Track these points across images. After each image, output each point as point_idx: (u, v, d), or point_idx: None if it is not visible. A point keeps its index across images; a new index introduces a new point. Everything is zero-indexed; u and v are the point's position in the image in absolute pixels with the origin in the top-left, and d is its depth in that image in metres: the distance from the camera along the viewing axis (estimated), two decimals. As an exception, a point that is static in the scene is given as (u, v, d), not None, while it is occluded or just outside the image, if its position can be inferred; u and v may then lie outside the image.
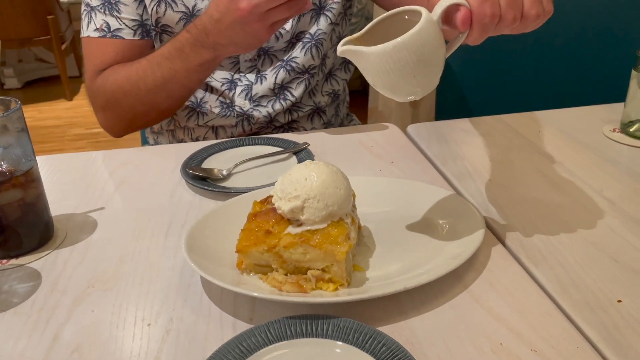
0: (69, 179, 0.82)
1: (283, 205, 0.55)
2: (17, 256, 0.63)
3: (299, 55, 0.98)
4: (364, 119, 1.93)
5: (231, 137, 1.03)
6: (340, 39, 1.03)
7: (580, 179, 0.75)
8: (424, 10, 0.52)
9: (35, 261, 0.63)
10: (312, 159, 0.81)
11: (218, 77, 0.99)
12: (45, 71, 3.97)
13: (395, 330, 0.51)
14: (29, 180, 0.63)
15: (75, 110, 3.52)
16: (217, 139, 1.03)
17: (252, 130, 1.02)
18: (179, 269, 0.61)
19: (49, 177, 0.82)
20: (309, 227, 0.55)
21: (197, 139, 1.05)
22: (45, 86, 3.90)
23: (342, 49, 0.54)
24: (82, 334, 0.52)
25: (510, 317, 0.51)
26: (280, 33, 0.97)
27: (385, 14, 0.56)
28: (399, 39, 0.51)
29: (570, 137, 0.88)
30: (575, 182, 0.75)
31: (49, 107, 3.58)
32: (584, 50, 1.22)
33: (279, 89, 1.00)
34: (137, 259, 0.63)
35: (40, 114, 3.45)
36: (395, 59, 0.51)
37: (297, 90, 1.00)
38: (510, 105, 1.04)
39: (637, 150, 0.83)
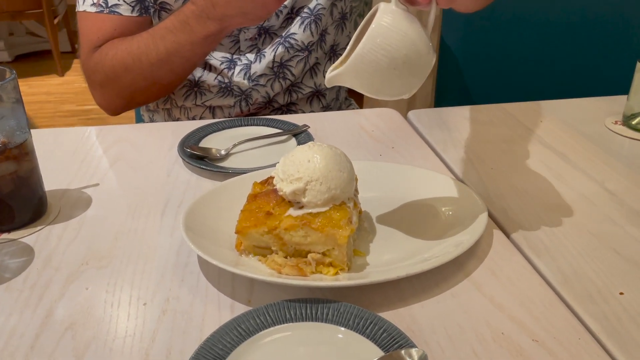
0: (62, 154, 0.81)
1: (285, 187, 0.54)
2: (9, 230, 0.62)
3: (297, 31, 0.97)
4: (360, 105, 1.92)
5: (229, 117, 1.01)
6: (341, 15, 1.01)
7: (582, 170, 0.75)
8: (380, 4, 0.51)
9: (28, 236, 0.62)
10: (312, 141, 0.80)
11: (217, 56, 0.97)
12: (37, 45, 3.90)
13: (396, 317, 0.50)
14: (23, 153, 0.61)
15: (66, 86, 3.47)
16: (214, 118, 1.02)
17: (249, 111, 1.01)
18: (175, 249, 0.60)
19: (42, 151, 0.79)
20: (310, 210, 0.54)
21: (193, 119, 1.03)
22: (36, 61, 3.83)
23: (327, 78, 0.54)
24: (76, 312, 0.51)
25: (512, 307, 0.51)
26: (280, 9, 0.95)
27: (361, 23, 0.54)
28: (359, 45, 0.50)
29: (572, 128, 0.87)
30: (576, 173, 0.74)
31: (39, 82, 3.52)
32: (587, 41, 1.21)
33: (278, 67, 0.98)
34: (132, 237, 0.62)
35: (30, 89, 3.40)
36: (368, 63, 0.50)
37: (297, 69, 0.99)
38: (511, 95, 1.03)
39: (639, 143, 0.83)
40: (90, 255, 0.59)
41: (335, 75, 0.53)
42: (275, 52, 0.96)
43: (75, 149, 0.82)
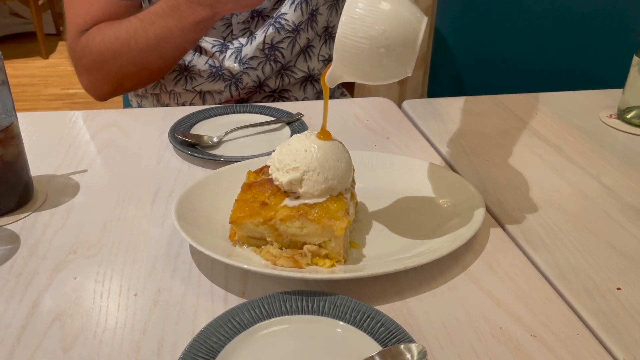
0: (48, 138, 0.78)
1: (281, 177, 0.53)
2: (-7, 217, 0.60)
3: (288, 11, 0.95)
4: (351, 94, 1.91)
5: (219, 103, 0.99)
6: None
7: (577, 164, 0.74)
8: None
9: (14, 223, 0.60)
10: (306, 130, 0.78)
11: (209, 40, 0.95)
12: (21, 27, 3.82)
13: (393, 310, 0.49)
14: (9, 137, 0.59)
15: (50, 69, 3.41)
16: (203, 104, 1.00)
17: (240, 95, 0.99)
18: (166, 238, 0.58)
19: (27, 135, 0.78)
20: (306, 201, 0.53)
21: (183, 104, 1.01)
22: (19, 42, 3.75)
23: (325, 79, 0.52)
24: (63, 302, 0.50)
25: (510, 301, 0.50)
26: None
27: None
28: (336, 35, 0.48)
29: (567, 121, 0.87)
30: (572, 166, 0.74)
31: (23, 65, 3.45)
32: (583, 33, 1.20)
33: (269, 49, 0.96)
34: (122, 226, 0.60)
35: (13, 71, 3.33)
36: (350, 51, 0.47)
37: (287, 50, 0.97)
38: (505, 86, 1.02)
39: (633, 137, 0.83)
40: (79, 244, 0.57)
41: (329, 73, 0.51)
42: (266, 34, 0.94)
43: (62, 134, 0.80)
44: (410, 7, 0.48)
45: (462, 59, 1.29)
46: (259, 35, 0.95)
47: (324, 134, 0.54)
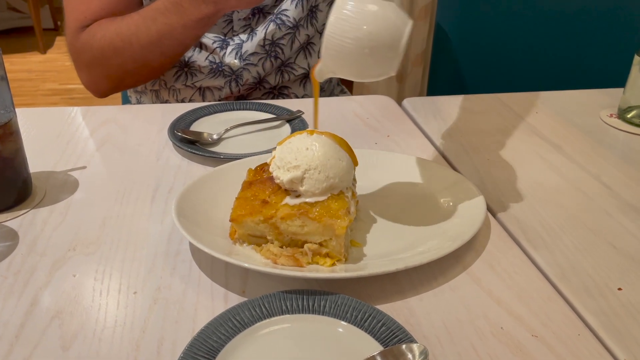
0: (47, 134, 0.78)
1: (282, 175, 0.53)
2: (-8, 214, 0.60)
3: (289, 7, 0.94)
4: (350, 91, 1.90)
5: (219, 100, 0.99)
6: None
7: (577, 163, 0.74)
8: None
9: (12, 220, 0.59)
10: (307, 128, 0.78)
11: (210, 36, 0.95)
12: (18, 21, 3.79)
13: (394, 310, 0.49)
14: (7, 133, 0.59)
15: (48, 64, 3.39)
16: (203, 101, 0.99)
17: (240, 92, 0.98)
18: (166, 236, 0.58)
19: (26, 131, 0.77)
20: (307, 199, 0.52)
21: (182, 101, 1.00)
22: (17, 37, 3.74)
23: (315, 73, 0.54)
24: (62, 300, 0.49)
25: (511, 301, 0.50)
26: None
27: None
28: (324, 37, 0.49)
29: (567, 120, 0.86)
30: (572, 165, 0.74)
31: (20, 59, 3.43)
32: (584, 32, 1.20)
33: (270, 46, 0.95)
34: (121, 223, 0.60)
35: (11, 66, 3.31)
36: (337, 50, 0.49)
37: (287, 47, 0.96)
38: (506, 85, 1.02)
39: (633, 137, 0.83)
40: (78, 241, 0.57)
41: (318, 68, 0.53)
42: (267, 30, 0.94)
43: (60, 130, 0.79)
44: (397, 10, 0.49)
45: (463, 56, 1.28)
46: (260, 32, 0.94)
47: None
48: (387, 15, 0.48)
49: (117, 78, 0.91)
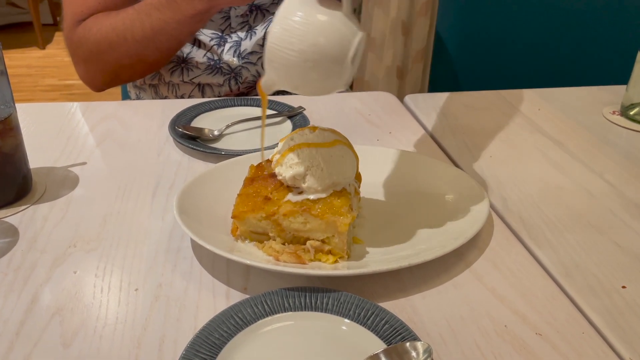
0: (47, 130, 0.77)
1: (284, 172, 0.52)
2: (-9, 210, 0.59)
3: None
4: (350, 88, 1.90)
5: (218, 96, 0.98)
6: None
7: (580, 160, 0.74)
8: None
9: (12, 216, 0.59)
10: (308, 124, 0.78)
11: (207, 32, 0.94)
12: (17, 17, 3.78)
13: (396, 307, 0.49)
14: (7, 128, 0.58)
15: (47, 60, 3.38)
16: (203, 97, 0.99)
17: (239, 90, 0.98)
18: (167, 232, 0.57)
19: (25, 127, 0.77)
20: (310, 196, 0.52)
21: (181, 97, 1.00)
22: (16, 32, 3.72)
23: (261, 86, 0.50)
24: (63, 297, 0.49)
25: (514, 299, 0.50)
26: None
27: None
28: (266, 47, 0.46)
29: (570, 117, 0.86)
30: (575, 163, 0.73)
31: (20, 55, 3.42)
32: (586, 29, 1.20)
33: None
34: (122, 219, 0.59)
35: (10, 62, 3.30)
36: (279, 62, 0.46)
37: None
38: (507, 82, 1.02)
39: (636, 134, 0.82)
40: (78, 237, 0.56)
41: (264, 81, 0.50)
42: (267, 29, 0.93)
43: (60, 126, 0.79)
44: (346, 21, 0.46)
45: (464, 53, 1.28)
46: (259, 31, 0.94)
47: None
48: (335, 27, 0.45)
49: (112, 72, 0.91)
